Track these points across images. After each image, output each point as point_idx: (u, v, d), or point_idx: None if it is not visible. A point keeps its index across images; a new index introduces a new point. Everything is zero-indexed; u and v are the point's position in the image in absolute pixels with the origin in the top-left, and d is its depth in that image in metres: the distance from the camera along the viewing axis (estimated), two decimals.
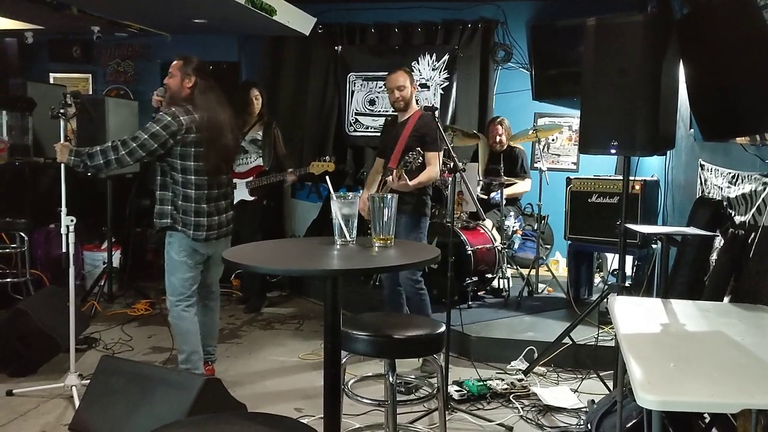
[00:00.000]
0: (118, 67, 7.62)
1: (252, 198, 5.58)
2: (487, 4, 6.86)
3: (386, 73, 4.43)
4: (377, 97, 7.09)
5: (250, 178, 5.57)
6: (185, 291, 3.80)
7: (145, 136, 3.61)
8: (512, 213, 5.79)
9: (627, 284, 4.23)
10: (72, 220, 3.68)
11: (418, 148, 4.05)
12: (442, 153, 4.24)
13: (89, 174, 5.47)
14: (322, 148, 7.19)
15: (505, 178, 5.59)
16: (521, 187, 6.01)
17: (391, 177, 4.08)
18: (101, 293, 5.67)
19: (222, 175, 3.90)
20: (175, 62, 3.83)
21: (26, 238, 5.37)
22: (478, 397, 3.80)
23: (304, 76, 7.29)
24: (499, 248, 5.34)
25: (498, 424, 3.51)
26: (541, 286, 5.75)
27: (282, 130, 5.82)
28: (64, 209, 3.68)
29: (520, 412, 3.66)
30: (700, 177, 4.20)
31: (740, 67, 3.03)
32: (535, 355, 4.26)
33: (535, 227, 5.77)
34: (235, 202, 5.53)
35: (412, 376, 4.08)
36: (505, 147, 6.09)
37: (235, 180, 5.58)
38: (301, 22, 6.07)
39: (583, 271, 5.45)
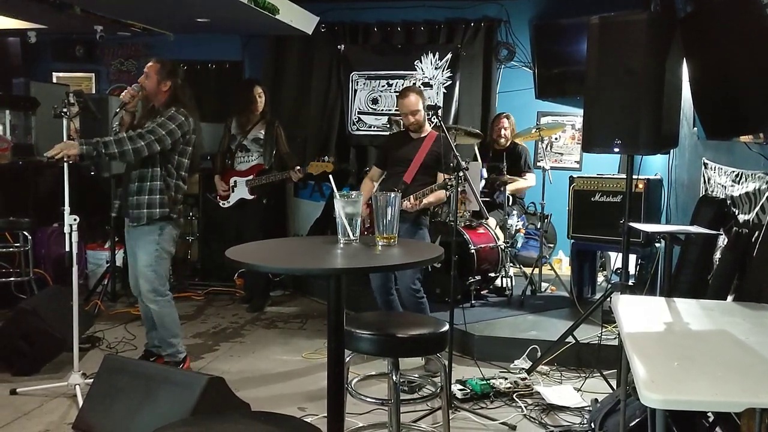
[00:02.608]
0: (121, 67, 7.64)
1: (252, 197, 5.59)
2: (490, 2, 6.86)
3: (389, 72, 4.45)
4: (380, 96, 7.09)
5: (250, 177, 5.57)
6: (167, 277, 4.04)
7: (163, 133, 3.77)
8: (515, 212, 5.79)
9: (630, 283, 4.23)
10: (75, 219, 3.68)
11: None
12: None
13: (93, 173, 5.52)
14: (324, 147, 7.19)
15: (508, 176, 5.59)
16: (524, 183, 6.01)
17: (410, 203, 4.18)
18: (104, 292, 5.68)
19: None
20: (151, 63, 3.97)
21: (29, 237, 5.37)
22: (481, 396, 3.80)
23: (306, 75, 7.29)
24: (502, 247, 5.33)
25: (501, 423, 3.51)
26: (544, 285, 5.75)
27: (285, 129, 5.82)
28: (67, 208, 3.69)
29: (523, 411, 3.65)
30: (704, 175, 4.19)
31: (744, 66, 3.02)
32: (539, 354, 4.26)
33: (538, 226, 5.77)
34: (234, 201, 5.63)
35: (416, 375, 4.08)
36: (508, 143, 6.09)
37: (235, 178, 5.61)
38: (304, 21, 6.08)
39: (586, 270, 5.45)
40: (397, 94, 4.45)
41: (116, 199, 4.10)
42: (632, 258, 4.95)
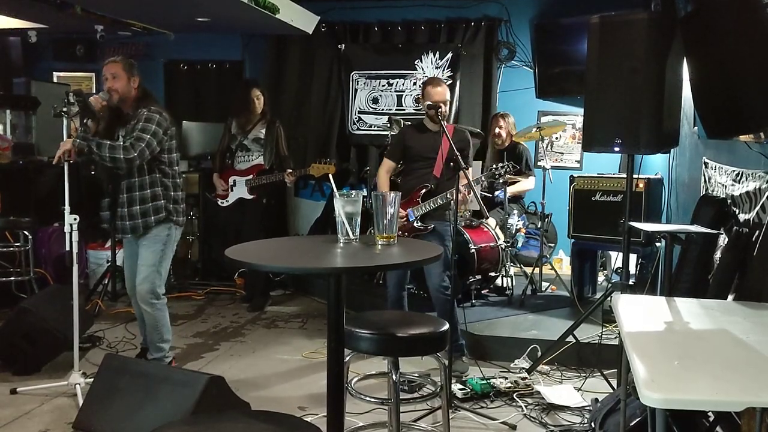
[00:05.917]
0: None
1: (251, 196, 5.60)
2: (490, 2, 6.86)
3: (389, 71, 4.42)
4: (380, 95, 7.09)
5: (250, 176, 5.58)
6: (166, 279, 4.02)
7: (148, 137, 3.73)
8: (516, 211, 5.78)
9: (631, 282, 4.22)
10: (75, 219, 3.68)
11: (512, 163, 4.31)
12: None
13: (93, 173, 5.52)
14: (325, 146, 7.20)
15: (508, 176, 5.57)
16: (525, 185, 5.99)
17: (462, 195, 4.10)
18: (105, 292, 5.67)
19: None
20: (111, 64, 3.87)
21: (30, 237, 5.38)
22: (481, 396, 3.80)
23: (307, 74, 7.29)
24: (503, 246, 5.33)
25: (501, 423, 3.51)
26: (544, 284, 5.74)
27: (285, 129, 5.83)
28: (67, 208, 3.69)
29: (523, 411, 3.65)
30: (704, 175, 4.19)
31: (744, 65, 3.02)
32: (539, 353, 4.26)
33: (539, 225, 5.76)
34: (233, 200, 5.63)
35: (416, 374, 4.08)
36: (506, 143, 6.08)
37: (234, 177, 5.62)
38: (305, 21, 6.08)
39: (586, 270, 5.44)
40: (424, 81, 4.30)
41: (102, 211, 4.02)
42: (633, 257, 4.94)
